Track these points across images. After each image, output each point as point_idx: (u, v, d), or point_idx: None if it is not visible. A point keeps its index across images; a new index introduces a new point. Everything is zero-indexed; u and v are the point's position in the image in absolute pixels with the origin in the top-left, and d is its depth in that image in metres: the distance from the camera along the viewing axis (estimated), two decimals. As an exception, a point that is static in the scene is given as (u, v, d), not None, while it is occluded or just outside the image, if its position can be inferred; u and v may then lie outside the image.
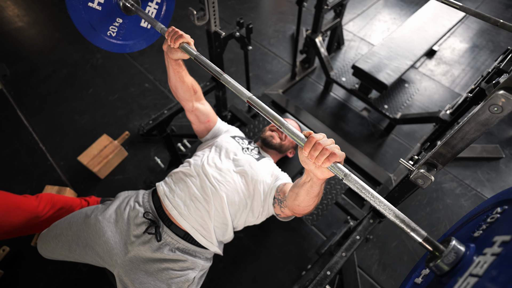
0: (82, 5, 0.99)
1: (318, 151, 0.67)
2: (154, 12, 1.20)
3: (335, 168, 0.67)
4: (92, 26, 1.06)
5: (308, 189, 0.83)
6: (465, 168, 2.13)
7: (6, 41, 2.95)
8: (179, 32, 0.96)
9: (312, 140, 0.67)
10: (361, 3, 3.33)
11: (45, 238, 1.19)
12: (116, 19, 1.11)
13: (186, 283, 1.05)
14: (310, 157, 0.68)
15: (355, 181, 0.64)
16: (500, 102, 0.65)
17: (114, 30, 1.14)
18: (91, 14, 1.03)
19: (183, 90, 1.18)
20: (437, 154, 0.86)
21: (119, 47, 1.21)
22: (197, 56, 0.91)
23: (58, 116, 2.38)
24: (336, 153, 0.66)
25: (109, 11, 1.07)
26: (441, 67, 2.73)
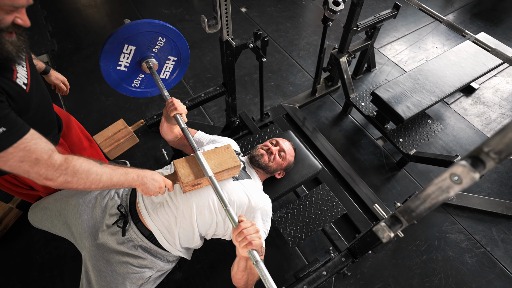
0: (112, 69, 1.29)
1: (241, 237, 0.87)
2: (171, 67, 1.46)
3: (250, 254, 0.85)
4: (120, 82, 1.36)
5: (238, 262, 0.99)
6: (478, 222, 1.95)
7: (62, 19, 3.23)
8: (175, 105, 1.16)
9: (239, 228, 0.89)
10: (405, 27, 3.17)
11: (35, 209, 1.30)
12: (139, 75, 1.41)
13: (140, 280, 1.09)
14: (235, 239, 0.88)
15: (262, 270, 0.81)
16: (460, 173, 0.60)
17: (137, 83, 1.44)
18: (119, 74, 1.33)
19: (171, 137, 1.36)
20: (403, 210, 0.80)
21: (141, 93, 1.50)
22: (184, 128, 1.14)
23: (88, 95, 2.57)
24: (253, 244, 0.86)
25: (133, 71, 1.36)
26: (478, 107, 2.51)
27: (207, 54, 2.87)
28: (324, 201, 1.67)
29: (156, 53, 1.35)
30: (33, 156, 0.77)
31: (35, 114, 0.98)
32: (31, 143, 0.77)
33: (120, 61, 1.28)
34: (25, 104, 0.89)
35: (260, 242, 0.88)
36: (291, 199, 1.99)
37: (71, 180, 0.83)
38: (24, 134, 0.76)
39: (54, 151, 0.82)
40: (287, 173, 1.56)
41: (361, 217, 1.87)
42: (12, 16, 0.73)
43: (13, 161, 0.75)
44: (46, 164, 0.79)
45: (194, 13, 3.26)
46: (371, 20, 2.12)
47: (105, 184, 0.90)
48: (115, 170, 0.94)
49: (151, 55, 1.33)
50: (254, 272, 1.02)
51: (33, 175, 0.79)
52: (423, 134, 2.07)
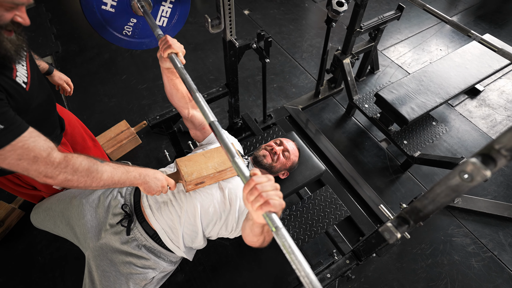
0: (95, 8, 1.07)
1: (254, 195, 0.62)
2: (168, 11, 1.24)
3: (268, 218, 0.62)
4: (107, 26, 1.14)
5: (251, 226, 0.84)
6: (485, 225, 1.92)
7: (67, 22, 3.26)
8: (169, 42, 0.98)
9: (251, 182, 0.63)
10: (408, 29, 3.16)
11: (38, 209, 1.29)
12: (130, 19, 1.19)
13: (144, 281, 1.08)
14: (246, 199, 0.64)
15: (284, 238, 0.58)
16: (470, 170, 0.58)
17: (129, 29, 1.22)
18: (105, 15, 1.11)
19: (177, 97, 1.21)
20: (410, 210, 0.78)
21: (136, 45, 1.29)
22: (180, 68, 0.93)
23: (91, 96, 2.57)
24: (271, 203, 0.61)
25: (122, 12, 1.14)
26: (483, 109, 2.49)
27: (210, 56, 2.87)
28: (327, 203, 1.65)
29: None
30: (31, 154, 0.76)
31: (37, 113, 0.98)
32: (29, 141, 0.76)
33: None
34: (25, 102, 0.89)
35: (281, 202, 0.64)
36: (294, 201, 1.97)
37: (71, 178, 0.83)
38: (22, 132, 0.76)
39: (54, 149, 0.81)
40: (290, 174, 1.55)
41: (365, 220, 1.85)
42: (12, 13, 0.73)
43: (11, 159, 0.75)
44: (45, 162, 0.78)
45: (197, 15, 3.27)
46: (375, 22, 2.11)
47: (106, 182, 0.89)
48: (116, 169, 0.93)
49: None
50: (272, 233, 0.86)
51: (32, 173, 0.79)
52: (427, 136, 2.05)
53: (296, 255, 0.55)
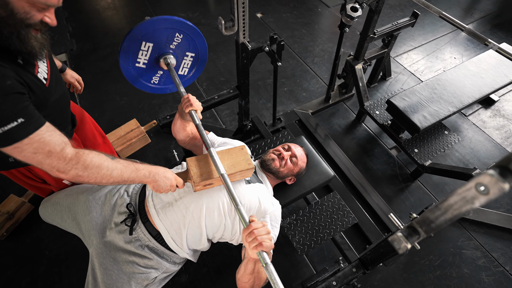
0: (131, 66, 1.30)
1: (251, 238, 0.84)
2: (189, 63, 1.47)
3: (260, 256, 0.82)
4: (139, 78, 1.37)
5: (245, 264, 0.95)
6: (497, 239, 1.87)
7: (82, 20, 3.32)
8: (191, 101, 1.14)
9: (249, 228, 0.86)
10: (422, 36, 3.12)
11: (46, 203, 1.31)
12: (157, 72, 1.41)
13: (146, 281, 1.08)
14: (245, 240, 0.85)
15: (271, 273, 0.79)
16: (487, 183, 0.56)
17: (156, 79, 1.44)
18: (137, 71, 1.33)
19: (183, 135, 1.32)
20: (422, 220, 0.76)
21: (161, 90, 1.51)
22: (198, 125, 1.12)
23: (103, 94, 2.61)
24: (263, 245, 0.83)
25: (151, 67, 1.36)
26: (497, 120, 2.43)
27: (222, 58, 2.88)
28: (335, 210, 1.63)
29: (174, 49, 1.35)
30: (46, 148, 0.78)
31: (53, 108, 1.00)
32: (45, 135, 0.78)
33: (138, 58, 1.29)
34: (44, 98, 0.91)
35: (271, 244, 0.85)
36: (301, 206, 1.95)
37: (82, 174, 0.84)
38: (40, 126, 0.78)
39: (67, 144, 0.83)
40: (298, 179, 1.54)
41: (373, 228, 1.82)
42: (42, 14, 0.76)
43: (28, 152, 0.77)
44: (58, 157, 0.80)
45: (210, 17, 3.30)
46: (389, 28, 2.09)
47: (115, 179, 0.90)
48: (126, 166, 0.94)
49: (169, 52, 1.33)
50: (261, 276, 0.99)
51: (46, 167, 0.80)
52: (439, 145, 2.01)
53: None
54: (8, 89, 0.74)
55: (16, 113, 0.74)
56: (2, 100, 0.72)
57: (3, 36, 0.74)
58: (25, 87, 0.80)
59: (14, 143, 0.75)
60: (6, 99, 0.73)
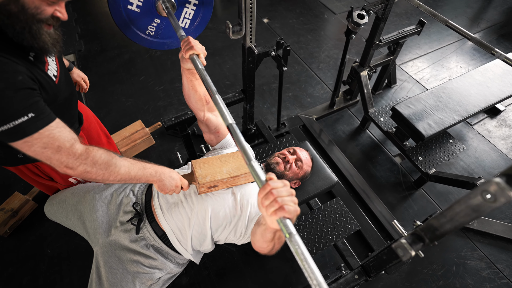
0: (122, 7, 1.11)
1: (269, 200, 0.62)
2: (191, 13, 1.27)
3: (282, 224, 0.61)
4: (131, 25, 1.18)
5: (262, 232, 0.85)
6: (502, 250, 1.84)
7: (91, 22, 3.37)
8: (191, 43, 1.00)
9: (266, 187, 0.63)
10: (428, 44, 3.13)
11: (52, 201, 1.32)
12: (154, 20, 1.22)
13: (150, 281, 1.08)
14: (261, 204, 0.63)
15: (297, 244, 0.57)
16: (493, 190, 0.56)
17: (152, 29, 1.25)
18: (130, 15, 1.15)
19: (195, 99, 1.20)
20: (426, 228, 0.76)
21: (157, 45, 1.32)
22: (200, 70, 0.94)
23: (109, 95, 2.64)
24: (286, 209, 0.60)
25: (146, 12, 1.18)
26: (503, 130, 2.42)
27: (227, 62, 2.90)
28: (337, 216, 1.62)
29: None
30: (56, 143, 0.79)
31: (62, 106, 1.02)
32: (55, 131, 0.79)
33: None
34: (53, 95, 0.92)
35: (296, 207, 0.63)
36: (304, 211, 1.94)
37: (90, 170, 0.85)
38: (50, 121, 0.79)
39: (77, 140, 0.84)
40: (301, 183, 1.53)
41: (375, 235, 1.81)
42: (53, 8, 0.77)
43: (37, 147, 0.78)
44: (67, 152, 0.81)
45: (216, 22, 3.33)
46: (395, 35, 2.10)
47: (123, 177, 0.91)
48: (133, 164, 0.94)
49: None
50: (282, 240, 0.87)
51: (54, 162, 0.81)
52: (443, 153, 2.00)
53: (309, 263, 0.54)
54: (20, 84, 0.75)
55: (27, 108, 0.75)
56: (13, 94, 0.73)
57: (16, 31, 0.76)
58: (36, 83, 0.82)
59: (24, 138, 0.76)
60: (17, 94, 0.74)
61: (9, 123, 0.73)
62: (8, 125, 0.73)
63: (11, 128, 0.74)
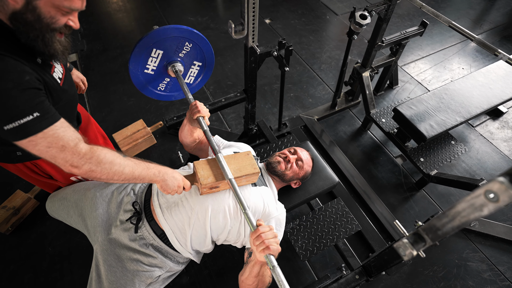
0: (140, 72, 1.33)
1: (258, 241, 0.87)
2: (196, 71, 1.51)
3: (268, 259, 0.85)
4: (146, 84, 1.40)
5: (251, 267, 0.97)
6: (503, 252, 1.84)
7: (94, 22, 3.38)
8: (198, 108, 1.18)
9: (257, 231, 0.89)
10: (430, 46, 3.12)
11: (53, 198, 1.32)
12: (164, 79, 1.45)
13: (149, 279, 1.08)
14: (253, 243, 0.89)
15: (278, 275, 0.80)
16: (496, 189, 0.56)
17: (163, 86, 1.48)
18: (146, 76, 1.37)
19: (189, 140, 1.35)
20: (428, 227, 0.76)
21: (166, 97, 1.54)
22: (206, 130, 1.16)
23: (111, 94, 2.64)
24: (271, 248, 0.86)
25: (159, 74, 1.40)
26: (505, 131, 2.41)
27: (229, 62, 2.91)
28: (338, 216, 1.62)
29: (182, 58, 1.39)
30: (60, 142, 0.80)
31: (64, 107, 1.02)
32: (60, 131, 0.80)
33: (148, 65, 1.33)
34: (58, 96, 0.94)
35: (278, 247, 0.87)
36: (305, 211, 1.94)
37: (95, 169, 0.85)
38: (55, 121, 0.80)
39: (81, 140, 0.85)
40: (302, 183, 1.53)
41: (376, 236, 1.80)
42: (67, 18, 0.79)
43: (42, 146, 0.79)
44: (72, 152, 0.81)
45: (219, 22, 3.34)
46: (397, 36, 2.10)
47: (127, 176, 0.91)
48: (137, 164, 0.95)
49: (177, 60, 1.38)
50: (265, 280, 1.02)
51: (59, 161, 0.82)
52: (445, 155, 2.00)
53: None
54: (26, 84, 0.76)
55: (33, 108, 0.76)
56: (19, 94, 0.74)
57: (29, 38, 0.78)
58: (41, 83, 0.83)
59: (29, 137, 0.77)
60: (23, 93, 0.75)
61: (14, 122, 0.74)
62: (13, 124, 0.74)
63: (16, 127, 0.75)
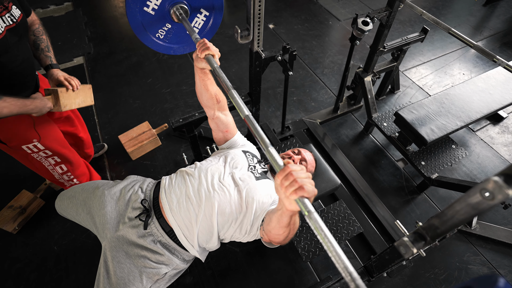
0: (138, 8, 1.16)
1: (289, 181, 0.66)
2: (201, 23, 1.36)
3: (301, 203, 0.65)
4: (144, 27, 1.23)
5: (279, 217, 0.85)
6: (504, 255, 1.85)
7: (100, 26, 3.45)
8: (207, 44, 1.07)
9: (286, 169, 0.68)
10: (431, 52, 3.17)
11: (63, 196, 1.36)
12: (165, 24, 1.28)
13: (156, 276, 1.10)
14: (281, 185, 0.68)
15: (316, 221, 0.61)
16: (491, 188, 0.59)
17: (162, 33, 1.31)
18: (144, 16, 1.20)
19: (206, 97, 1.26)
20: (428, 226, 0.79)
21: (164, 48, 1.38)
22: (216, 68, 1.00)
23: (117, 96, 2.69)
24: (305, 188, 0.65)
25: (160, 16, 1.23)
26: (505, 136, 2.44)
27: (233, 66, 2.95)
28: (340, 218, 1.64)
29: (189, 1, 1.24)
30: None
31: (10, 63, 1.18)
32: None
33: (149, 1, 1.17)
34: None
35: (314, 188, 0.68)
36: (307, 213, 1.96)
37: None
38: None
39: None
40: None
41: (378, 238, 1.82)
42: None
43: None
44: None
45: (223, 27, 3.39)
46: (398, 42, 2.14)
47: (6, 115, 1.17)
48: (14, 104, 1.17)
49: (184, 1, 1.22)
50: (297, 226, 0.90)
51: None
52: (446, 158, 2.02)
53: (329, 238, 0.58)
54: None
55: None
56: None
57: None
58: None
59: None
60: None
61: None
62: None
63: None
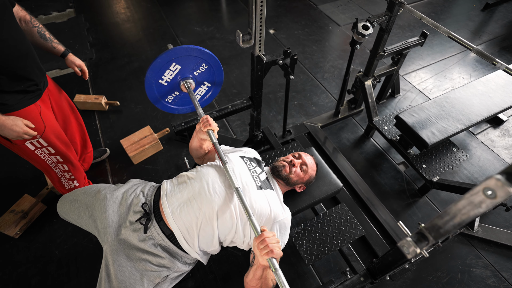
0: (155, 80, 1.43)
1: (263, 245, 0.92)
2: (204, 91, 1.63)
3: (270, 262, 0.90)
4: (157, 94, 1.50)
5: (254, 271, 1.02)
6: (507, 258, 1.84)
7: (102, 31, 3.49)
8: (209, 121, 1.27)
9: (262, 236, 0.95)
10: (430, 56, 3.19)
11: (65, 200, 1.36)
12: (174, 92, 1.54)
13: (157, 279, 1.10)
14: (257, 247, 0.94)
15: (280, 277, 0.85)
16: (494, 186, 0.59)
17: (171, 98, 1.57)
18: (159, 86, 1.47)
19: (199, 152, 1.43)
20: (430, 227, 0.79)
21: (171, 109, 1.63)
22: (215, 142, 1.23)
23: (118, 101, 2.70)
24: (274, 252, 0.91)
25: (171, 87, 1.50)
26: (506, 139, 2.44)
27: (234, 70, 2.98)
28: (342, 221, 1.64)
29: (196, 76, 1.51)
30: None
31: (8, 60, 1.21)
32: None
33: (163, 76, 1.42)
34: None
35: (280, 251, 0.93)
36: (309, 216, 1.97)
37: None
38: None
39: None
40: (307, 188, 1.56)
41: (380, 241, 1.82)
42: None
43: None
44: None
45: (224, 32, 3.43)
46: (398, 46, 2.16)
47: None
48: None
49: (191, 77, 1.49)
50: (268, 282, 1.06)
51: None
52: (447, 161, 2.03)
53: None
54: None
55: None
56: None
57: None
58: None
59: None
60: None
61: None
62: None
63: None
